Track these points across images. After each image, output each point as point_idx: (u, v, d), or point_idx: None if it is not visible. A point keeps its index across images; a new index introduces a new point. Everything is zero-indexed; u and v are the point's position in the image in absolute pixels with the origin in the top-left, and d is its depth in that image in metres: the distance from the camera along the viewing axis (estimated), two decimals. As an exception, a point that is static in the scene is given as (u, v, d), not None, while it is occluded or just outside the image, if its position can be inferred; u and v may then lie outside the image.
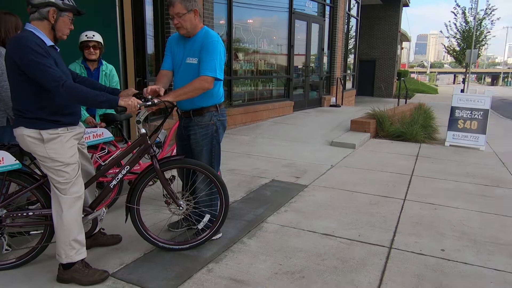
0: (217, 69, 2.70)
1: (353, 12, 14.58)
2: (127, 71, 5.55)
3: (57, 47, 2.34)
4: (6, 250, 2.50)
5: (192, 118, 2.87)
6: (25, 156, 2.43)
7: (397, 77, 21.25)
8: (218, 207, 2.87)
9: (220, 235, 3.04)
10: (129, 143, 3.66)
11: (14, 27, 3.04)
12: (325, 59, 11.95)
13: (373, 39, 20.50)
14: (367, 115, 8.27)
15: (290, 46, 9.83)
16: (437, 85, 50.53)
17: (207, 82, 2.66)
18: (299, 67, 10.70)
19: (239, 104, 8.46)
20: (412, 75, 51.99)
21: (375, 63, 20.97)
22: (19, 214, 2.51)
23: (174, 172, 3.20)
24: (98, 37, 3.71)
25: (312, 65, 11.28)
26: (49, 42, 2.25)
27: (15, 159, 2.38)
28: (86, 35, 3.66)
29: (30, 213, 2.51)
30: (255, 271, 2.61)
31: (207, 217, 2.89)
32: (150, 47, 6.12)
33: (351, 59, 15.41)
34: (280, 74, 10.10)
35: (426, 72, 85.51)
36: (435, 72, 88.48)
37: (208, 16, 6.93)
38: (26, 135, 2.24)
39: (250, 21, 8.88)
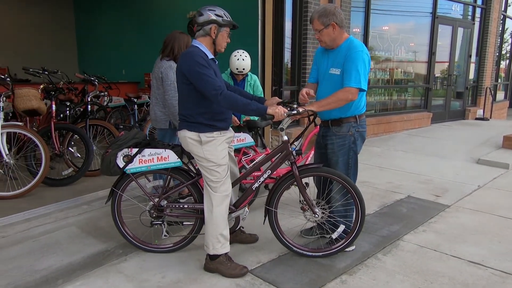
0: (361, 80, 2.66)
1: (510, 12, 12.75)
2: (264, 80, 5.89)
3: (216, 60, 2.62)
4: (164, 236, 2.89)
5: (330, 127, 2.89)
6: (184, 155, 2.78)
7: None
8: (353, 219, 2.82)
9: (353, 247, 2.98)
10: (268, 149, 3.88)
11: (185, 45, 3.51)
12: (472, 67, 10.71)
13: (534, 43, 17.57)
14: (525, 131, 7.12)
15: (431, 53, 9.10)
16: None
17: (351, 93, 2.64)
18: (439, 75, 9.83)
19: (371, 114, 8.16)
20: None
21: (535, 70, 17.93)
22: (176, 206, 2.87)
23: (308, 179, 3.26)
24: (247, 69, 4.00)
25: (456, 73, 10.24)
26: (211, 56, 2.54)
27: (177, 157, 2.74)
28: (237, 68, 3.97)
29: (185, 206, 2.85)
30: (392, 290, 2.48)
31: (341, 227, 2.86)
32: (287, 58, 6.37)
33: (504, 66, 13.49)
34: (417, 83, 9.43)
35: None
36: None
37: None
38: (188, 137, 2.56)
39: (386, 28, 8.52)
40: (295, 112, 2.56)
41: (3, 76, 4.28)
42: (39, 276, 2.59)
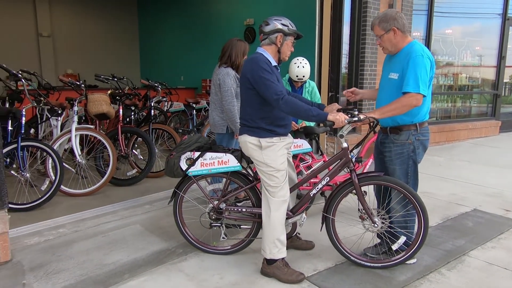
0: (420, 85, 2.55)
1: None
2: (321, 86, 5.85)
3: (278, 67, 2.66)
4: (222, 238, 2.96)
5: (388, 135, 2.81)
6: (244, 159, 2.84)
7: None
8: (416, 231, 2.71)
9: (414, 260, 2.87)
10: (325, 155, 3.85)
11: (242, 52, 3.60)
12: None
13: None
14: None
15: (501, 57, 8.52)
16: None
17: (416, 99, 2.55)
18: (509, 81, 9.16)
19: (432, 122, 7.80)
20: None
21: None
22: (234, 209, 2.93)
23: (367, 187, 3.18)
24: (306, 76, 3.99)
25: (528, 78, 9.50)
26: (274, 63, 2.59)
27: (237, 161, 2.81)
28: (297, 76, 3.97)
29: (243, 209, 2.91)
30: (458, 308, 2.35)
31: (402, 238, 2.76)
32: (344, 65, 6.29)
33: None
34: (484, 89, 8.86)
35: None
36: None
37: (405, 30, 6.66)
38: (248, 142, 2.62)
39: (449, 31, 8.12)
40: (356, 119, 2.52)
41: (78, 83, 4.64)
42: (108, 269, 2.77)
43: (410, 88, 2.56)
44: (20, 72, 4.42)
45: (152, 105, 5.43)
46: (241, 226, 3.03)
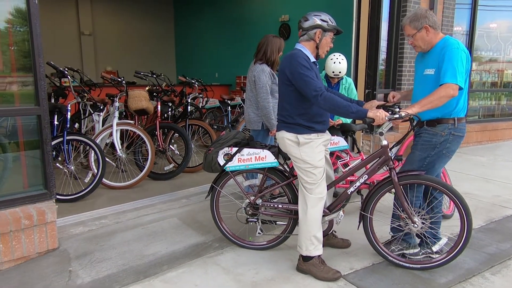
0: (457, 76, 2.48)
1: None
2: (357, 82, 5.75)
3: (317, 63, 2.64)
4: (258, 233, 2.98)
5: (424, 126, 2.74)
6: (280, 155, 2.84)
7: None
8: (459, 232, 2.62)
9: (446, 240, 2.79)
10: (362, 153, 3.79)
11: (278, 48, 3.59)
12: None
13: None
14: None
15: (551, 52, 8.04)
16: None
17: (452, 89, 2.47)
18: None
19: (474, 120, 7.49)
20: None
21: None
22: (271, 205, 2.94)
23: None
24: (343, 72, 3.89)
25: None
26: (312, 59, 2.57)
27: (274, 157, 2.82)
28: (333, 72, 3.87)
29: (279, 206, 2.91)
30: (503, 314, 2.26)
31: (443, 240, 2.69)
32: (382, 61, 6.15)
33: None
34: (531, 87, 8.40)
35: None
36: None
37: (447, 24, 6.42)
38: (286, 138, 2.62)
39: (494, 25, 7.74)
40: (397, 116, 2.46)
41: (119, 79, 4.79)
42: (147, 260, 2.86)
43: (448, 79, 2.50)
44: (66, 69, 4.62)
45: (189, 101, 5.53)
46: (277, 222, 3.04)
